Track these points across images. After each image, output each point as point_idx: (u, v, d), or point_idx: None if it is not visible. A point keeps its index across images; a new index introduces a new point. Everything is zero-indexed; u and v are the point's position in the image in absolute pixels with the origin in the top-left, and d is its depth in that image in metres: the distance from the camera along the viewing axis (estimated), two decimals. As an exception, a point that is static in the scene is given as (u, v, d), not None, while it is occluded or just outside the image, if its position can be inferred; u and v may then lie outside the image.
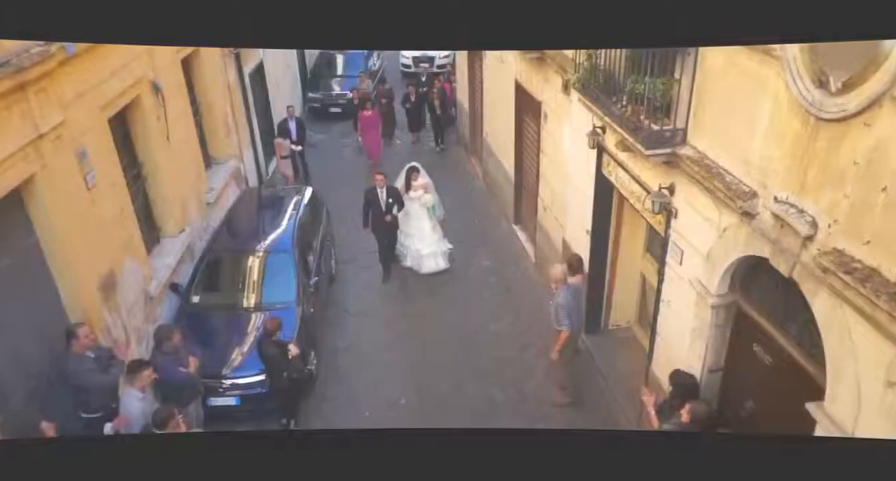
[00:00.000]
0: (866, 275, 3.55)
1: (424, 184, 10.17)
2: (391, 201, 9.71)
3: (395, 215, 9.81)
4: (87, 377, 5.69)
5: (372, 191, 9.73)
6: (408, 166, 10.37)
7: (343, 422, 7.38)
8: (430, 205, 10.11)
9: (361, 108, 13.83)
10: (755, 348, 5.17)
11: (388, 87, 15.91)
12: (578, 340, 7.67)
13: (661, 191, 5.75)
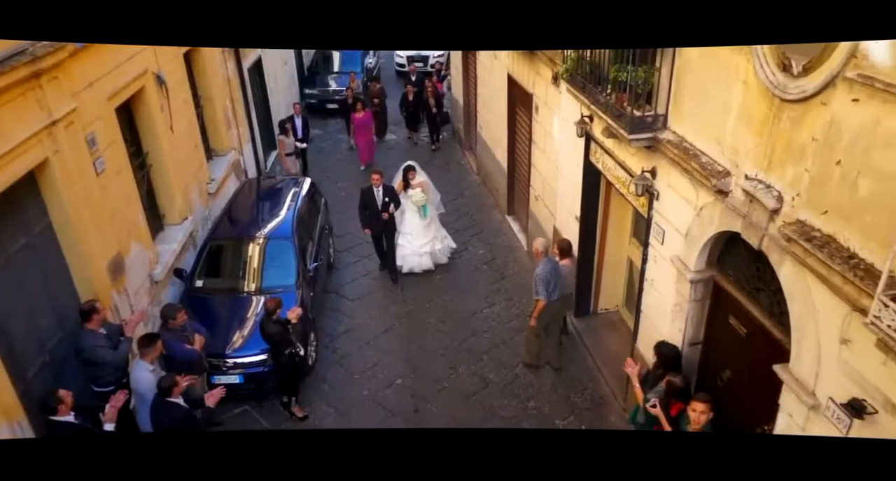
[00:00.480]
0: (824, 242, 3.87)
1: (421, 182, 10.16)
2: (387, 200, 9.74)
3: (392, 214, 9.83)
4: (99, 352, 5.96)
5: (368, 191, 9.78)
6: (404, 165, 10.38)
7: (342, 401, 7.68)
8: (421, 204, 10.01)
9: (353, 110, 13.88)
10: (731, 321, 5.49)
11: (379, 86, 15.97)
12: (563, 313, 8.00)
13: (643, 175, 6.06)
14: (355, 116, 13.76)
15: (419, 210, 10.05)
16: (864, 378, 3.71)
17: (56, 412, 5.05)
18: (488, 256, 10.67)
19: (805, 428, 4.33)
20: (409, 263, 10.07)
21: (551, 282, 7.39)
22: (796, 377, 4.33)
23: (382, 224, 9.80)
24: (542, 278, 7.36)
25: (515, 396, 7.70)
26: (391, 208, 9.77)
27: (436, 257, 10.24)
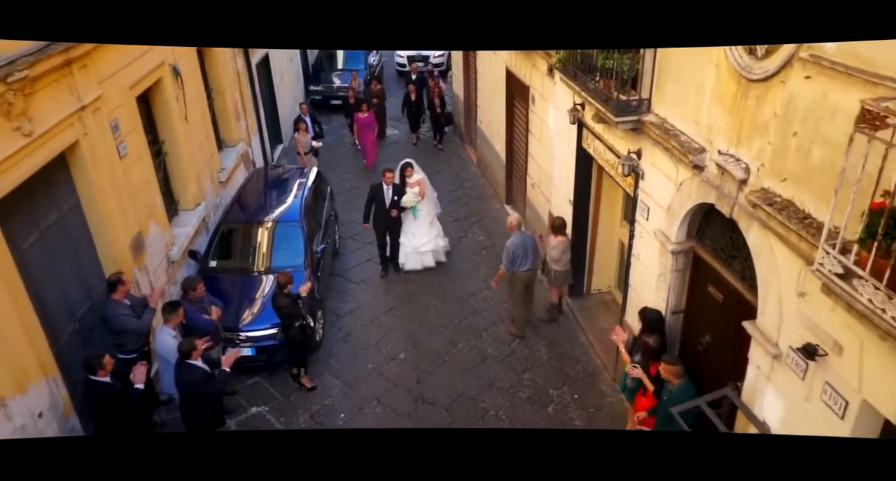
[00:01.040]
0: (783, 206, 4.33)
1: (419, 180, 10.15)
2: (396, 199, 9.81)
3: (400, 212, 9.90)
4: (124, 321, 6.43)
5: (378, 188, 9.87)
6: (402, 162, 10.37)
7: (348, 373, 8.14)
8: (411, 206, 9.97)
9: (357, 111, 13.90)
10: (709, 289, 5.94)
11: (379, 87, 16.05)
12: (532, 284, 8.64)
13: (629, 156, 6.52)
14: (359, 117, 13.82)
15: (410, 210, 10.06)
16: (817, 325, 4.16)
17: (96, 373, 5.52)
18: (487, 243, 11.12)
19: (770, 377, 4.78)
20: (411, 261, 10.16)
21: (518, 254, 8.16)
22: (762, 331, 4.78)
23: (389, 221, 9.92)
24: (508, 250, 8.21)
25: (512, 369, 8.15)
26: (402, 205, 9.88)
27: (437, 255, 10.36)
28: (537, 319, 8.86)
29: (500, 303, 9.37)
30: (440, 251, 10.39)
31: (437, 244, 10.33)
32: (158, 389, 6.76)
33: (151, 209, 7.96)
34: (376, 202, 9.88)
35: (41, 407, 5.47)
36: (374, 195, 9.91)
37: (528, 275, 8.39)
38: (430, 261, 10.26)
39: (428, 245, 10.20)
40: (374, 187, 9.99)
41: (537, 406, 7.56)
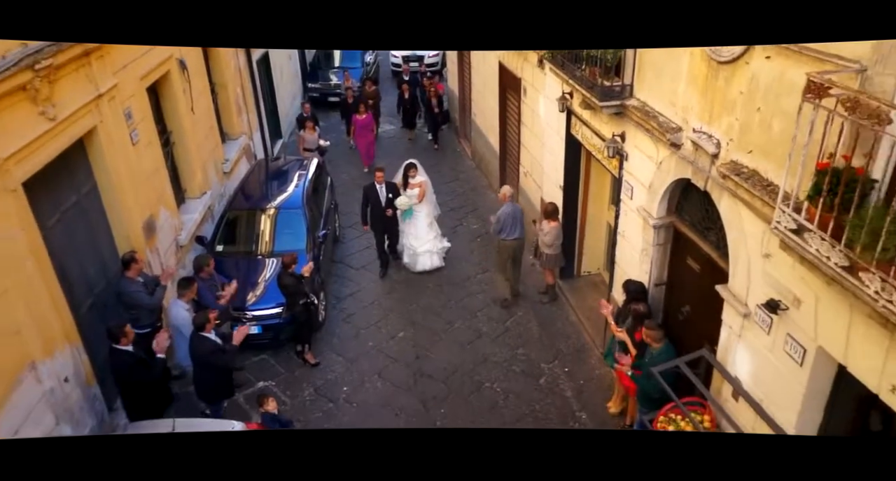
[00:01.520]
0: (749, 175, 4.76)
1: (422, 182, 10.16)
2: (391, 197, 9.83)
3: (396, 211, 9.93)
4: (138, 297, 6.83)
5: (371, 188, 9.89)
6: (406, 163, 10.36)
7: (350, 351, 8.55)
8: (404, 208, 9.98)
9: (354, 112, 13.87)
10: (688, 261, 6.37)
11: (374, 87, 16.22)
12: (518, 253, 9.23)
13: (614, 139, 6.95)
14: (357, 118, 13.78)
15: (402, 213, 10.06)
16: (779, 282, 4.59)
17: (119, 341, 5.92)
18: (481, 230, 11.52)
19: (741, 335, 5.20)
20: (420, 263, 10.15)
21: (507, 223, 8.84)
22: (733, 293, 5.21)
23: (385, 221, 9.94)
24: (498, 218, 8.94)
25: (506, 345, 8.57)
26: (396, 206, 9.92)
27: (438, 256, 10.37)
28: (536, 299, 9.33)
29: (495, 287, 9.79)
30: (440, 252, 10.36)
31: (436, 246, 10.32)
32: (172, 363, 7.14)
33: (161, 195, 8.35)
34: (371, 202, 9.91)
35: (66, 372, 5.87)
36: (368, 196, 9.93)
37: (515, 243, 9.04)
38: (426, 263, 10.21)
39: (426, 245, 10.20)
40: (366, 188, 10.01)
41: (530, 378, 7.97)
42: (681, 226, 6.33)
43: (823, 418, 4.65)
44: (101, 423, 6.40)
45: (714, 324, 5.71)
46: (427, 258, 10.21)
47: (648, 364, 5.82)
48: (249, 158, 12.70)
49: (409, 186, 10.05)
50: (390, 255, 10.39)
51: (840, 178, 3.56)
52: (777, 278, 4.61)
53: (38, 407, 5.46)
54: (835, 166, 3.63)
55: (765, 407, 5.01)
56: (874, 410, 4.49)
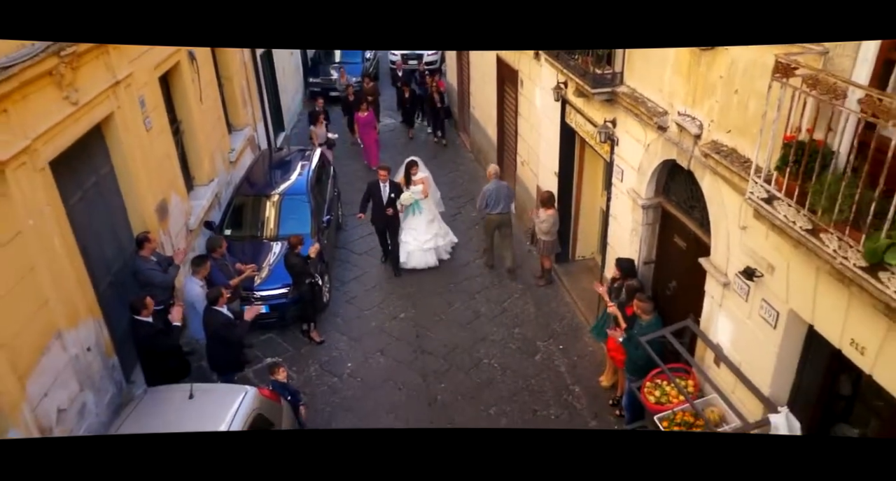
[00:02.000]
0: (728, 153, 5.12)
1: (423, 178, 10.18)
2: (393, 196, 9.84)
3: (397, 209, 9.94)
4: (151, 275, 7.18)
5: (375, 185, 9.87)
6: (407, 160, 10.40)
7: (354, 330, 8.91)
8: (409, 203, 10.06)
9: (356, 109, 13.89)
10: (675, 239, 6.74)
11: (372, 84, 16.30)
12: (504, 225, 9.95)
13: (605, 124, 7.31)
14: (359, 115, 13.81)
15: (409, 207, 10.13)
16: (755, 252, 4.96)
17: (140, 313, 6.28)
18: (479, 218, 11.86)
19: (722, 304, 5.57)
20: (413, 259, 10.16)
21: (491, 198, 9.58)
22: (715, 265, 5.57)
23: (386, 219, 9.93)
24: (483, 194, 9.73)
25: (503, 325, 8.94)
26: (397, 204, 9.94)
27: (439, 253, 10.37)
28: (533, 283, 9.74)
29: (493, 270, 10.16)
30: (442, 249, 10.39)
31: (438, 242, 10.32)
32: (185, 339, 7.49)
33: (172, 180, 8.70)
34: (374, 200, 9.88)
35: (89, 342, 6.22)
36: (372, 192, 9.90)
37: (500, 217, 9.77)
38: (432, 259, 10.23)
39: (430, 243, 10.19)
40: (371, 185, 10.00)
41: (526, 355, 8.35)
42: (668, 206, 6.70)
43: (796, 377, 5.02)
44: (120, 392, 6.77)
45: (698, 297, 6.08)
46: (432, 254, 10.22)
47: (638, 334, 6.18)
48: (254, 149, 13.05)
49: (412, 183, 10.11)
50: (392, 264, 10.29)
51: (804, 150, 3.93)
52: (753, 248, 4.98)
53: (65, 372, 5.83)
54: (800, 139, 4.00)
55: (743, 370, 5.38)
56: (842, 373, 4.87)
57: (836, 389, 5.28)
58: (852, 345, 4.10)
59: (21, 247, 5.28)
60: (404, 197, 9.99)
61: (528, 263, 10.28)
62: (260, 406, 5.69)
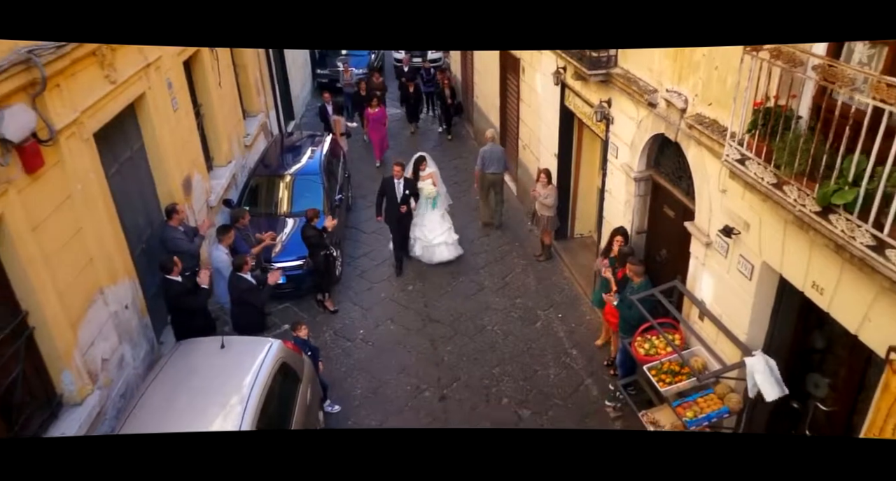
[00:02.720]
0: (710, 123, 5.67)
1: (431, 173, 10.25)
2: (407, 193, 9.87)
3: (411, 207, 9.99)
4: (179, 244, 7.73)
5: (389, 182, 9.87)
6: (416, 156, 10.46)
7: (365, 301, 9.48)
8: (432, 196, 10.12)
9: (367, 105, 13.84)
10: (665, 210, 7.29)
11: (381, 79, 16.35)
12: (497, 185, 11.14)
13: (601, 104, 7.86)
14: (369, 112, 13.77)
15: (429, 201, 10.18)
16: (733, 212, 5.51)
17: (171, 272, 6.86)
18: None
19: (705, 263, 6.13)
20: (427, 254, 10.22)
21: (487, 159, 10.76)
22: (699, 227, 6.13)
23: (400, 216, 9.95)
24: (481, 155, 10.89)
25: (506, 296, 9.51)
26: (411, 202, 9.97)
27: (449, 248, 10.33)
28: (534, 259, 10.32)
29: (496, 248, 10.75)
30: (452, 244, 10.39)
31: (451, 237, 10.36)
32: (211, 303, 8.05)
33: (195, 159, 9.28)
34: (387, 196, 9.89)
35: (126, 300, 6.80)
36: (385, 189, 9.91)
37: (494, 177, 10.96)
38: (444, 254, 10.26)
39: (440, 237, 10.23)
40: (385, 181, 10.01)
41: (527, 323, 8.91)
42: (658, 178, 7.25)
43: (770, 325, 5.58)
44: (153, 349, 7.35)
45: (685, 262, 6.63)
46: (444, 249, 10.26)
47: (630, 294, 6.74)
48: (267, 135, 13.62)
49: (421, 178, 10.17)
50: (403, 259, 10.27)
51: (770, 114, 4.48)
52: (731, 209, 5.54)
53: (107, 326, 6.41)
54: (767, 106, 4.55)
55: (724, 321, 5.94)
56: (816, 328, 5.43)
57: (810, 343, 5.86)
58: (814, 287, 4.66)
59: (71, 209, 5.85)
60: (427, 190, 10.08)
61: (529, 241, 10.84)
62: (285, 355, 6.26)
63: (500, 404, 7.51)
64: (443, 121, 16.03)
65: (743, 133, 4.80)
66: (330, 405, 7.40)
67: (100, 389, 6.11)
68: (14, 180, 5.04)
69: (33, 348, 5.47)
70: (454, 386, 7.79)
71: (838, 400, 5.23)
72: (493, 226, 11.23)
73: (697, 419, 5.70)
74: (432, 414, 7.37)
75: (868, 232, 3.69)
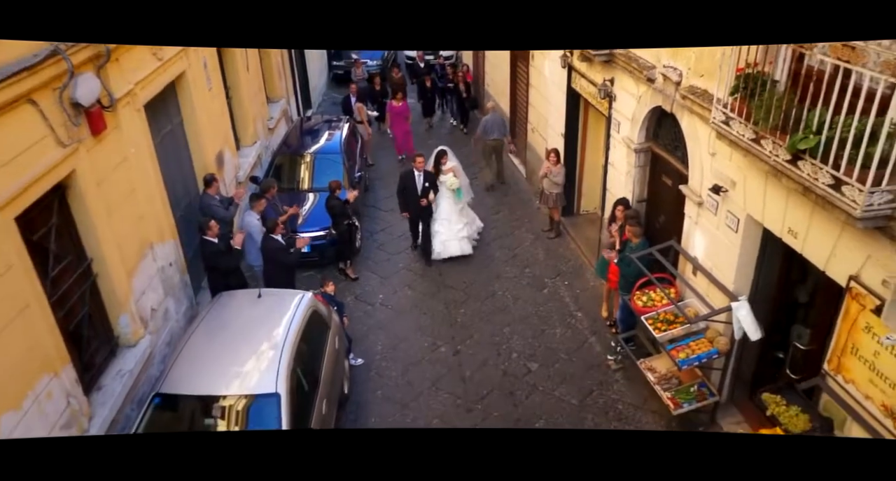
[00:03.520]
0: (701, 93, 6.28)
1: (452, 167, 10.24)
2: (427, 185, 9.82)
3: (431, 200, 9.95)
4: (215, 210, 8.40)
5: (409, 175, 9.88)
6: (437, 149, 10.45)
7: (383, 270, 10.15)
8: (455, 188, 10.09)
9: (391, 99, 13.91)
10: (663, 179, 7.90)
11: (400, 74, 16.39)
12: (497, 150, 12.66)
13: (605, 83, 8.48)
14: (392, 105, 13.78)
15: (454, 194, 10.14)
16: (721, 172, 6.12)
17: (207, 233, 7.54)
18: (493, 181, 13.08)
19: (697, 222, 6.74)
20: (448, 249, 10.16)
21: (488, 126, 12.27)
22: (692, 189, 6.74)
23: (420, 209, 9.99)
24: (483, 122, 12.45)
25: (516, 266, 10.14)
26: (430, 194, 9.93)
27: (471, 241, 10.40)
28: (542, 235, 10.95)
29: (506, 223, 11.39)
30: (473, 237, 10.45)
31: (471, 229, 10.41)
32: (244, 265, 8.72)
33: (226, 136, 9.96)
34: (407, 189, 9.90)
35: (170, 258, 7.49)
36: (406, 183, 9.90)
37: (495, 142, 12.40)
38: (467, 247, 10.28)
39: (463, 230, 10.25)
40: (404, 175, 10.02)
41: (535, 289, 9.54)
42: (657, 149, 7.86)
43: (755, 274, 6.19)
44: (192, 306, 8.04)
45: (681, 224, 7.24)
46: (466, 243, 10.28)
47: (629, 253, 7.36)
48: (288, 121, 14.31)
49: (442, 172, 10.15)
50: (423, 255, 10.32)
51: (750, 79, 5.09)
52: (719, 169, 6.15)
53: (154, 279, 7.09)
54: (748, 71, 5.16)
55: (714, 274, 6.55)
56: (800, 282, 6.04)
57: (794, 296, 6.48)
58: (790, 233, 5.27)
59: (127, 170, 6.53)
60: (450, 181, 10.07)
61: (538, 218, 11.46)
62: (315, 305, 6.92)
63: (511, 358, 8.15)
64: (457, 115, 16.44)
65: (727, 97, 5.41)
66: (354, 358, 8.06)
67: (150, 334, 6.79)
68: (84, 140, 5.72)
69: (96, 293, 6.16)
70: (467, 343, 8.44)
71: (814, 338, 5.83)
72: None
73: (689, 359, 6.32)
74: (447, 366, 8.02)
75: (828, 173, 4.30)
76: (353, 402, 7.49)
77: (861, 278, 4.57)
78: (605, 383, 7.65)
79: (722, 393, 6.73)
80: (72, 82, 5.43)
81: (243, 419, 5.63)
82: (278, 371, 5.74)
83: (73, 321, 5.73)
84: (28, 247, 4.98)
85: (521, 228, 11.28)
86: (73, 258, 5.82)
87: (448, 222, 10.18)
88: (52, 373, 5.12)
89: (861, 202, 4.07)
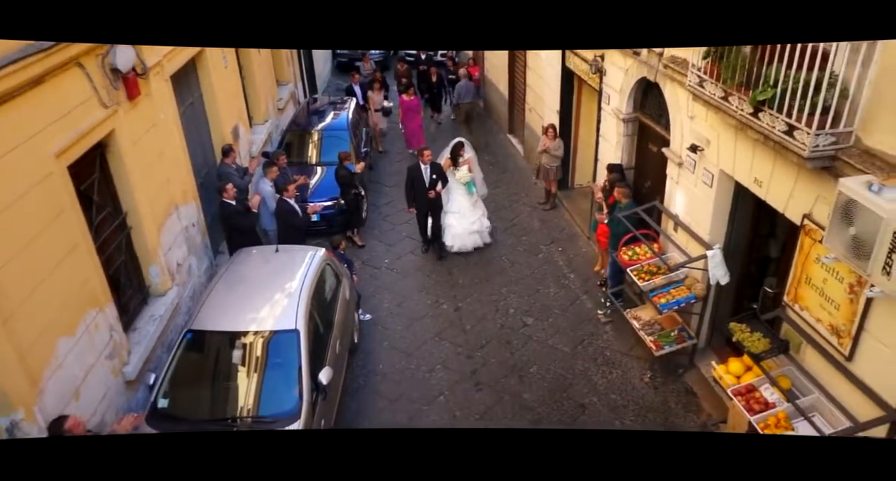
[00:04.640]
0: (681, 63, 6.89)
1: (468, 159, 10.13)
2: (435, 177, 9.72)
3: (439, 191, 9.83)
4: (232, 178, 9.02)
5: (416, 167, 9.77)
6: (455, 141, 10.30)
7: (388, 239, 10.78)
8: (466, 181, 10.00)
9: (402, 93, 13.76)
10: (649, 146, 8.52)
11: (406, 67, 16.52)
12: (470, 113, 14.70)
13: (595, 59, 9.08)
14: (404, 99, 13.68)
15: (466, 187, 10.05)
16: (698, 133, 6.74)
17: (224, 196, 8.17)
18: (493, 160, 13.72)
19: (678, 181, 7.36)
20: (459, 242, 10.09)
21: (461, 92, 14.41)
22: (673, 151, 7.36)
23: (429, 202, 9.83)
24: (456, 90, 14.75)
25: (512, 234, 10.78)
26: (438, 186, 9.80)
27: (483, 235, 10.30)
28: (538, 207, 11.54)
29: (505, 198, 12.03)
30: (485, 231, 10.32)
31: (483, 224, 10.27)
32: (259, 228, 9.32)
33: (240, 112, 10.58)
34: (416, 183, 9.77)
35: (193, 219, 8.12)
36: (413, 176, 9.77)
37: (468, 105, 14.52)
38: (478, 240, 10.22)
39: (475, 224, 10.14)
40: (411, 169, 9.88)
41: (531, 254, 10.17)
42: (643, 119, 8.47)
43: (728, 225, 6.81)
44: (211, 264, 8.68)
45: (664, 185, 7.86)
46: (477, 237, 10.21)
47: (618, 213, 7.98)
48: (295, 103, 14.92)
49: (460, 164, 10.01)
50: (435, 247, 10.21)
51: (720, 42, 5.70)
52: (697, 130, 6.76)
53: (180, 237, 7.72)
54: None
55: (692, 227, 7.17)
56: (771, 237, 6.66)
57: (766, 251, 7.11)
58: (756, 183, 5.89)
59: (157, 134, 7.16)
60: (462, 174, 9.96)
61: (534, 192, 12.08)
62: (328, 259, 7.55)
63: (508, 313, 8.78)
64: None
65: (700, 61, 6.02)
66: (362, 314, 8.69)
67: (177, 286, 7.42)
68: (122, 103, 6.34)
69: (130, 244, 6.79)
70: (468, 300, 9.07)
71: (780, 283, 6.45)
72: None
73: (669, 303, 6.96)
74: (449, 320, 8.66)
75: (783, 120, 4.92)
76: (362, 350, 8.13)
77: (812, 216, 5.19)
78: (594, 334, 8.28)
79: (700, 338, 7.37)
80: (111, 50, 6.05)
81: (265, 352, 6.26)
82: (297, 310, 6.37)
83: (112, 267, 6.35)
84: (77, 194, 5.61)
85: (519, 202, 11.91)
86: (111, 210, 6.45)
87: (460, 215, 10.06)
88: (98, 308, 5.76)
89: (809, 143, 4.68)
